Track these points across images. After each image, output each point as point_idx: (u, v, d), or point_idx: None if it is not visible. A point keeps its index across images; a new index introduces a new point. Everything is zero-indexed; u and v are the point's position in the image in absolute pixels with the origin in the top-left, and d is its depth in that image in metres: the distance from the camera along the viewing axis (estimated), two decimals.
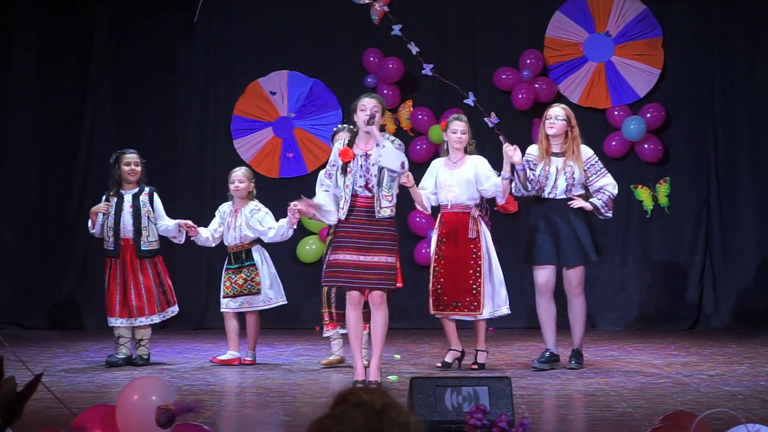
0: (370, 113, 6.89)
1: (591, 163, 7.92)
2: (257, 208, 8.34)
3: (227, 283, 8.31)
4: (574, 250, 7.86)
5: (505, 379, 5.32)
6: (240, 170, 8.47)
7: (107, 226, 8.19)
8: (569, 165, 7.82)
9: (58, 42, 11.04)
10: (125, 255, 8.16)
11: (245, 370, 7.99)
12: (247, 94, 11.12)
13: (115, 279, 8.14)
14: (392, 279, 6.97)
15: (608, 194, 7.91)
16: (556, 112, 7.89)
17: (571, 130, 7.86)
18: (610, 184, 7.94)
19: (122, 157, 8.26)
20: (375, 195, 6.90)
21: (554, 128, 7.84)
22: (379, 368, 6.97)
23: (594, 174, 7.91)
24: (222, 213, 8.42)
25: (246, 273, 8.29)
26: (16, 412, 4.22)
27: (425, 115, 10.94)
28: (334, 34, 11.12)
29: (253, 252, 8.32)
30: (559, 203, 7.87)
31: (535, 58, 10.88)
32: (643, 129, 10.65)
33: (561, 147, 7.87)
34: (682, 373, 7.62)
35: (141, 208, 8.22)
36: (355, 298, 6.98)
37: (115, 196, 8.23)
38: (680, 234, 10.91)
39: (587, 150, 7.97)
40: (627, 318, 10.86)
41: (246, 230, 8.29)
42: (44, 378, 4.52)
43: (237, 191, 8.35)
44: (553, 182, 7.83)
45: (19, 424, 4.26)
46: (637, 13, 10.95)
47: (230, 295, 8.28)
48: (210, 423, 4.51)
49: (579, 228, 7.87)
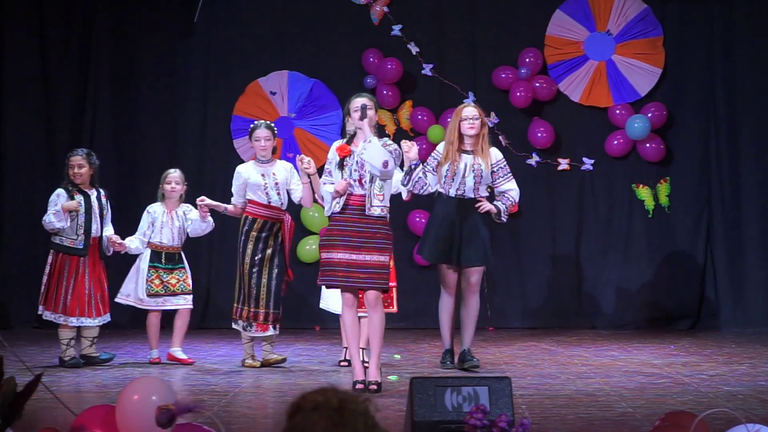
0: (360, 110, 6.88)
1: (500, 166, 7.96)
2: (189, 210, 8.44)
3: (157, 281, 8.28)
4: (476, 251, 7.87)
5: (505, 379, 5.31)
6: (176, 172, 8.49)
7: (77, 224, 8.13)
8: (478, 163, 7.85)
9: (59, 42, 11.03)
10: (92, 255, 8.15)
11: (247, 370, 7.97)
12: (247, 94, 11.12)
13: (83, 278, 8.09)
14: (385, 278, 6.92)
15: (511, 200, 7.97)
16: (473, 113, 7.94)
17: (484, 127, 7.91)
18: (514, 189, 8.00)
19: (69, 159, 8.27)
20: (366, 193, 6.87)
21: (474, 128, 7.89)
22: (378, 368, 6.93)
23: (501, 177, 7.96)
24: (152, 213, 8.40)
25: (179, 274, 8.33)
26: (16, 412, 4.22)
27: (425, 115, 10.94)
28: (334, 35, 11.12)
29: (182, 254, 8.40)
30: (465, 202, 7.91)
31: (534, 57, 10.88)
32: (647, 127, 10.64)
33: (473, 145, 7.91)
34: (682, 373, 7.62)
35: (104, 210, 8.25)
36: (349, 299, 6.93)
37: (78, 194, 8.19)
38: (681, 234, 10.91)
39: (497, 152, 8.03)
40: (627, 318, 10.85)
41: (182, 232, 8.38)
42: (44, 378, 4.52)
43: (174, 192, 8.39)
44: (461, 179, 7.86)
45: (19, 424, 4.26)
46: (638, 11, 10.95)
47: (162, 294, 8.26)
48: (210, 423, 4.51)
49: (483, 230, 7.89)
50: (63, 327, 8.07)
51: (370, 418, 2.55)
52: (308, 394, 2.57)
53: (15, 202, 11.02)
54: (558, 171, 10.97)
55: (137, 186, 10.76)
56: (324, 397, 2.54)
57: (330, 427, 2.50)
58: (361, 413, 2.54)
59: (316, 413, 2.52)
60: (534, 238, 10.99)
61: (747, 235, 10.83)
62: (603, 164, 10.97)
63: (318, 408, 2.52)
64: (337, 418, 2.51)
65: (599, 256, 10.97)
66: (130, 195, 10.51)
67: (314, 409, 2.52)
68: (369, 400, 2.62)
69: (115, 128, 11.07)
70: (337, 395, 2.54)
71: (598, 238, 11.01)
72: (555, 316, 10.87)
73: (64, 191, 8.22)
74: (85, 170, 8.24)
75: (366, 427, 2.53)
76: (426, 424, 5.08)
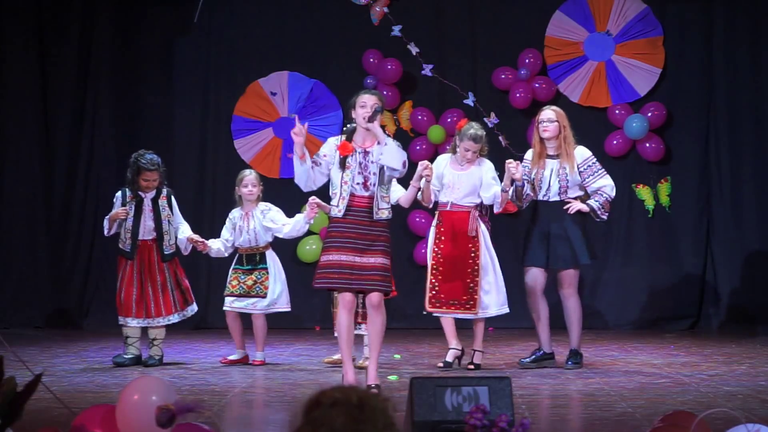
0: (372, 110, 6.80)
1: (588, 165, 7.92)
2: (268, 208, 8.38)
3: (234, 282, 8.30)
4: (564, 253, 7.89)
5: (505, 379, 5.31)
6: (252, 174, 8.48)
7: (124, 228, 8.17)
8: (563, 167, 7.84)
9: (59, 42, 11.04)
10: (143, 256, 8.16)
11: (247, 370, 7.99)
12: (247, 94, 11.12)
13: (131, 280, 8.14)
14: (388, 281, 6.85)
15: (605, 196, 7.92)
16: (548, 116, 7.92)
17: (564, 131, 7.88)
18: (608, 185, 7.94)
19: (143, 172, 8.15)
20: (374, 195, 6.78)
21: (548, 132, 7.88)
22: (376, 371, 6.86)
23: (591, 175, 7.91)
24: (233, 219, 8.40)
25: (257, 275, 8.30)
26: (16, 412, 4.22)
27: (425, 115, 10.94)
28: (334, 35, 11.12)
29: (267, 255, 8.35)
30: (552, 205, 7.90)
31: (533, 58, 10.88)
32: (645, 127, 10.64)
33: (555, 149, 7.89)
34: (682, 373, 7.62)
35: (161, 212, 8.23)
36: (348, 301, 6.82)
37: (134, 198, 8.21)
38: (681, 233, 10.91)
39: (584, 151, 7.98)
40: (627, 318, 10.85)
41: (261, 232, 8.31)
42: (44, 378, 4.52)
43: (251, 195, 8.35)
44: (548, 185, 7.86)
45: (19, 424, 4.26)
46: (638, 11, 10.95)
47: (236, 295, 8.28)
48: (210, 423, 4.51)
49: (571, 230, 7.89)
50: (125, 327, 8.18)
51: (388, 417, 2.55)
52: (327, 390, 2.56)
53: (14, 201, 11.02)
54: None
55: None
56: (343, 394, 2.54)
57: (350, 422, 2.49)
58: (380, 411, 2.54)
59: (335, 409, 2.51)
60: None
61: (747, 234, 10.83)
62: (603, 164, 10.89)
63: (337, 404, 2.52)
64: (358, 414, 2.51)
65: (599, 256, 10.95)
66: None
67: (333, 404, 2.52)
68: (388, 399, 2.62)
69: (115, 128, 11.07)
70: (356, 392, 2.54)
71: (598, 238, 10.99)
72: (555, 316, 10.84)
73: (121, 194, 8.26)
74: (158, 182, 8.23)
75: (385, 425, 2.53)
76: (426, 424, 5.08)
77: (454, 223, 7.96)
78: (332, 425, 2.49)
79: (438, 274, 7.98)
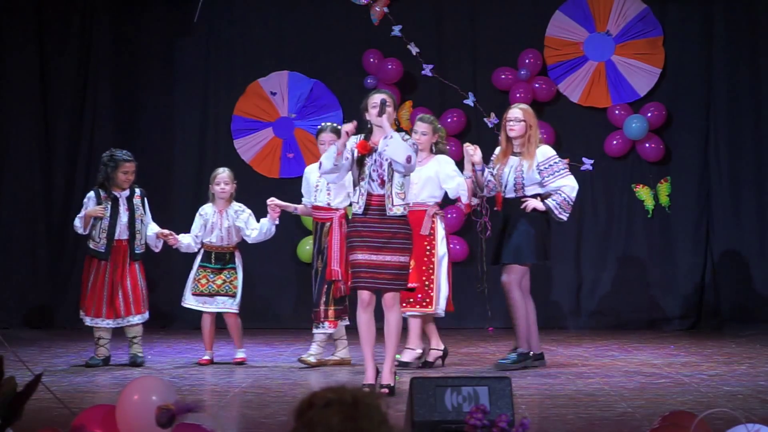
0: (380, 104, 6.79)
1: (549, 164, 7.90)
2: (241, 210, 8.38)
3: (203, 280, 8.27)
4: (507, 250, 7.87)
5: (505, 379, 5.31)
6: (225, 171, 8.45)
7: (99, 228, 8.12)
8: (521, 164, 7.85)
9: (59, 42, 11.04)
10: (116, 257, 8.12)
11: (248, 371, 7.98)
12: (247, 94, 11.12)
13: (103, 281, 8.08)
14: (404, 279, 6.82)
15: (564, 196, 7.88)
16: (515, 114, 7.94)
17: (529, 130, 7.90)
18: (567, 186, 7.90)
19: (121, 164, 8.18)
20: (386, 192, 6.77)
21: (514, 131, 7.92)
22: (392, 371, 6.84)
23: (551, 174, 7.89)
24: (204, 215, 8.39)
25: (226, 275, 8.30)
26: (16, 412, 4.22)
27: None
28: (334, 35, 11.12)
29: (235, 255, 8.35)
30: (510, 202, 7.94)
31: (533, 58, 10.88)
32: (644, 128, 10.64)
33: (520, 147, 7.93)
34: (682, 373, 7.62)
35: (135, 211, 8.21)
36: (365, 300, 6.82)
37: (108, 197, 8.17)
38: (681, 233, 10.91)
39: (548, 150, 7.99)
40: (627, 318, 10.85)
41: (234, 231, 8.32)
42: (44, 378, 4.52)
43: (224, 193, 8.35)
44: (505, 181, 7.89)
45: (19, 424, 4.26)
46: (638, 12, 10.95)
47: (205, 294, 8.26)
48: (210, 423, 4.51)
49: (525, 228, 7.86)
50: (94, 327, 8.13)
51: (382, 414, 2.55)
52: (318, 391, 2.56)
53: (14, 202, 11.02)
54: None
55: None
56: (336, 394, 2.54)
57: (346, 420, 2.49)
58: (374, 408, 2.54)
59: (330, 409, 2.51)
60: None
61: (747, 234, 10.82)
62: (602, 164, 10.97)
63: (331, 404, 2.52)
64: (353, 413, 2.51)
65: (599, 256, 10.97)
66: None
67: (327, 405, 2.52)
68: (381, 395, 2.63)
69: (115, 128, 11.06)
70: (349, 391, 2.54)
71: (597, 238, 11.00)
72: (555, 316, 10.87)
73: (94, 195, 8.20)
74: (134, 176, 8.24)
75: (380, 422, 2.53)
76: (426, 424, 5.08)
77: (412, 223, 7.96)
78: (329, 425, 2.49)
79: None
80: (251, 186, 9.96)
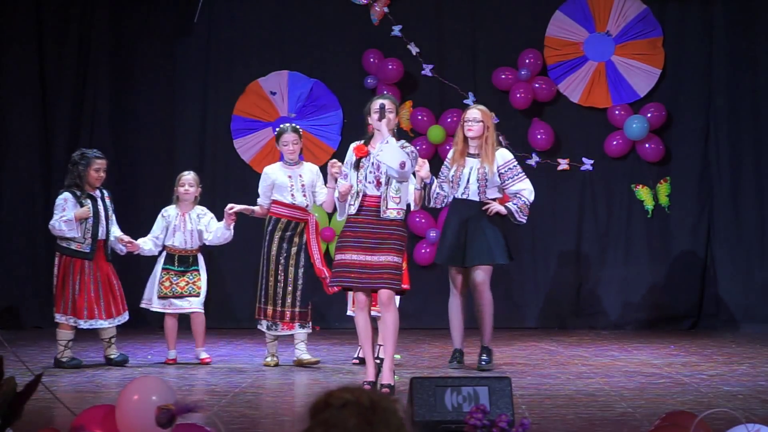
0: (379, 109, 6.83)
1: (508, 167, 7.97)
2: (203, 213, 8.41)
3: (167, 283, 8.27)
4: (480, 250, 7.89)
5: (505, 379, 5.31)
6: (190, 174, 8.48)
7: (84, 228, 8.09)
8: (483, 167, 7.86)
9: (58, 42, 11.03)
10: (98, 257, 8.12)
11: (248, 370, 7.98)
12: (247, 94, 11.12)
13: (89, 281, 8.05)
14: (398, 278, 6.86)
15: (524, 200, 7.96)
16: (473, 115, 7.97)
17: (487, 131, 7.91)
18: (526, 189, 7.98)
19: (93, 162, 8.17)
20: (382, 194, 6.83)
21: (472, 131, 7.95)
22: (391, 370, 6.85)
23: (510, 178, 7.96)
24: (167, 216, 8.39)
25: (189, 277, 8.32)
26: (16, 412, 4.22)
27: (425, 115, 10.94)
28: (334, 35, 11.12)
29: (198, 257, 8.38)
30: (471, 204, 7.95)
31: (534, 58, 10.88)
32: (645, 128, 10.64)
33: (477, 149, 7.95)
34: (682, 373, 7.62)
35: (108, 211, 8.22)
36: (361, 300, 6.88)
37: (86, 198, 8.14)
38: (681, 233, 10.91)
39: (506, 154, 8.05)
40: (627, 318, 10.85)
41: (196, 235, 8.34)
42: (44, 378, 4.52)
43: (188, 195, 8.36)
44: (466, 183, 7.90)
45: (19, 424, 4.26)
46: (638, 12, 10.95)
47: (169, 297, 8.26)
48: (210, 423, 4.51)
49: (489, 229, 7.90)
50: (62, 327, 8.05)
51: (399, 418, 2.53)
52: (335, 391, 2.52)
53: (14, 202, 11.01)
54: (558, 171, 10.97)
55: (136, 186, 10.78)
56: (353, 395, 2.50)
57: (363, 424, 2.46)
58: (392, 412, 2.51)
59: (346, 410, 2.48)
60: (534, 238, 10.98)
61: (747, 234, 10.83)
62: (602, 164, 10.97)
63: (348, 405, 2.48)
64: (371, 416, 2.48)
65: (599, 256, 10.97)
66: (129, 196, 10.50)
67: (344, 406, 2.48)
68: (398, 399, 2.61)
69: (115, 128, 11.06)
70: (366, 393, 2.51)
71: (597, 238, 11.01)
72: (555, 316, 10.88)
73: (71, 196, 8.13)
74: (104, 174, 8.24)
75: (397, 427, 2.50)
76: (426, 424, 5.08)
77: None
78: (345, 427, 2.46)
79: None
80: (251, 186, 9.94)
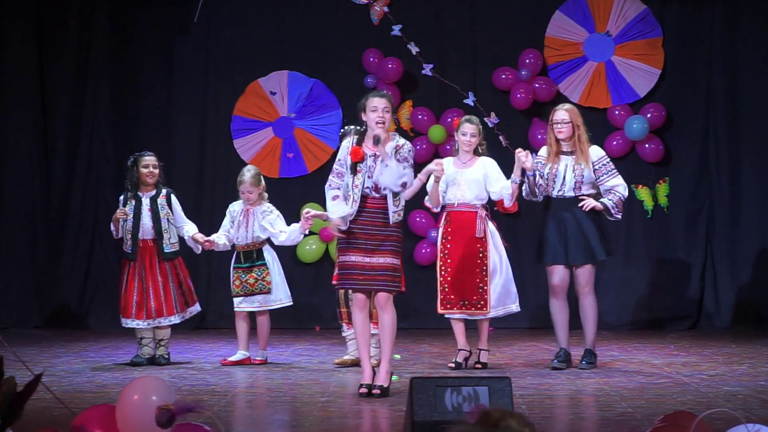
0: (373, 139, 6.77)
1: (602, 163, 7.96)
2: (269, 210, 8.37)
3: (237, 282, 8.31)
4: (581, 249, 7.88)
5: (505, 379, 5.31)
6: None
7: (125, 229, 8.21)
8: (579, 163, 7.86)
9: (58, 42, 11.04)
10: (144, 257, 8.18)
11: (247, 370, 7.99)
12: (247, 94, 11.12)
13: (133, 281, 8.16)
14: (397, 280, 6.86)
15: (619, 195, 7.93)
16: (561, 117, 7.94)
17: (577, 129, 7.91)
18: (620, 185, 7.96)
19: (140, 160, 8.28)
20: (386, 198, 6.79)
21: (562, 133, 7.92)
22: (388, 372, 6.85)
23: (605, 174, 7.94)
24: (232, 212, 8.43)
25: (257, 272, 8.30)
26: (16, 412, 4.22)
27: (425, 115, 10.94)
28: (334, 35, 11.12)
29: (264, 251, 8.35)
30: (567, 201, 7.90)
31: (534, 58, 10.89)
32: (645, 128, 10.65)
33: (570, 147, 7.93)
34: (682, 373, 7.62)
35: (159, 211, 8.25)
36: (360, 301, 6.88)
37: (133, 199, 8.24)
38: (681, 234, 10.91)
39: (598, 150, 8.04)
40: (627, 318, 10.85)
41: (258, 231, 8.31)
42: (44, 378, 4.52)
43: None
44: (562, 180, 7.87)
45: (19, 424, 4.26)
46: (638, 12, 10.95)
47: (242, 294, 8.29)
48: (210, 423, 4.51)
49: (587, 226, 7.88)
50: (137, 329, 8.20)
51: None
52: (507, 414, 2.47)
53: (14, 201, 11.02)
54: None
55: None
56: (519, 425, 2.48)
57: None
58: None
59: None
60: (533, 238, 10.96)
61: (746, 234, 10.83)
62: None
63: None
64: None
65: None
66: None
67: None
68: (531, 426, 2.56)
69: (115, 128, 11.07)
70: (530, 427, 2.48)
71: None
72: None
73: (122, 197, 8.35)
74: (158, 170, 8.31)
75: None
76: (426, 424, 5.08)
77: (462, 224, 7.98)
78: None
79: (447, 275, 7.99)
80: None
